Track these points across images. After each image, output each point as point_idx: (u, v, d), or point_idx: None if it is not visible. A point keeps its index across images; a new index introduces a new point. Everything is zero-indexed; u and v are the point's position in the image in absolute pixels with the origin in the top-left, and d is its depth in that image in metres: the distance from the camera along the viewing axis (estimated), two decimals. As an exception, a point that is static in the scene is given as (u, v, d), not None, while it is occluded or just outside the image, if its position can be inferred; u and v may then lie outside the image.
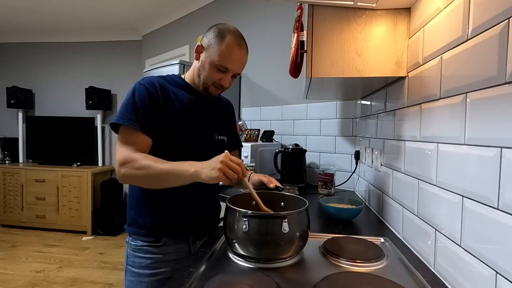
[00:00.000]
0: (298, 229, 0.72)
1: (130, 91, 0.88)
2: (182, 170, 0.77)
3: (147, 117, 0.85)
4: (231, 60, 0.89)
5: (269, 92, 2.30)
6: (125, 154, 0.82)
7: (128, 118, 0.83)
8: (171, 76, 0.98)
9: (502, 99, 0.48)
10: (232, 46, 0.88)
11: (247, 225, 0.69)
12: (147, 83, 0.88)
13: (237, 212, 0.73)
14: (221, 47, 0.88)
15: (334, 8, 0.94)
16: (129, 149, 0.82)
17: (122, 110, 0.85)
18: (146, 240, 0.91)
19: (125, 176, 0.82)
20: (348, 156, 1.77)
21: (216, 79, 0.91)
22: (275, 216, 0.71)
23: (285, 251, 0.72)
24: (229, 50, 0.88)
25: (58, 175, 3.44)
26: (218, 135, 1.02)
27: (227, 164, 0.73)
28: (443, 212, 0.67)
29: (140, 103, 0.85)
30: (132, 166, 0.80)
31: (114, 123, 0.84)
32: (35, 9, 3.26)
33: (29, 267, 2.59)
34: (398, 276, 0.67)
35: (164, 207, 0.92)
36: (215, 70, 0.90)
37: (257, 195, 0.83)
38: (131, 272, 0.92)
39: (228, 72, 0.91)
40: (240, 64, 0.93)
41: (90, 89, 3.68)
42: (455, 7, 0.63)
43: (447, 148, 0.65)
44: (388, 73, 0.94)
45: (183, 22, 3.18)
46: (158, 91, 0.88)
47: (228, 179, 0.73)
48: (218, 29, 0.90)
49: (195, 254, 0.81)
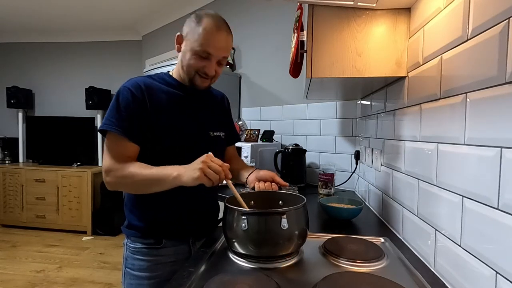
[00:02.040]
0: (297, 225, 0.72)
1: (115, 95, 0.86)
2: (165, 175, 0.77)
3: (132, 122, 0.83)
4: (212, 43, 0.83)
5: (269, 92, 2.30)
6: (108, 162, 0.82)
7: (112, 123, 0.82)
8: (159, 75, 0.95)
9: (502, 99, 0.48)
10: (211, 28, 0.83)
11: (246, 223, 0.69)
12: (132, 85, 0.86)
13: (236, 211, 0.73)
14: (199, 31, 0.83)
15: (334, 8, 0.94)
16: (113, 156, 0.82)
17: (107, 115, 0.84)
18: (145, 242, 0.89)
19: (110, 184, 0.83)
20: (348, 156, 1.77)
21: (200, 66, 0.86)
22: (274, 212, 0.71)
23: (285, 248, 0.72)
24: (208, 33, 0.83)
25: (58, 175, 3.44)
26: (214, 131, 0.99)
27: (208, 164, 0.72)
28: (443, 212, 0.67)
29: (124, 108, 0.83)
30: (115, 175, 0.81)
31: (100, 130, 0.84)
32: (35, 9, 3.25)
33: (29, 267, 2.59)
34: (398, 276, 0.67)
35: (163, 208, 0.90)
36: (197, 57, 0.85)
37: (256, 194, 0.83)
38: (130, 275, 0.90)
39: (211, 57, 0.85)
40: (222, 47, 0.86)
41: (90, 89, 3.68)
42: (455, 7, 0.63)
43: (447, 148, 0.65)
44: (388, 73, 0.94)
45: (183, 22, 3.16)
46: (143, 92, 0.85)
47: (209, 180, 0.72)
48: (195, 15, 0.86)
49: (195, 254, 0.81)
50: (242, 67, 2.55)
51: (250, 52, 2.48)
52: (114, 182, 0.82)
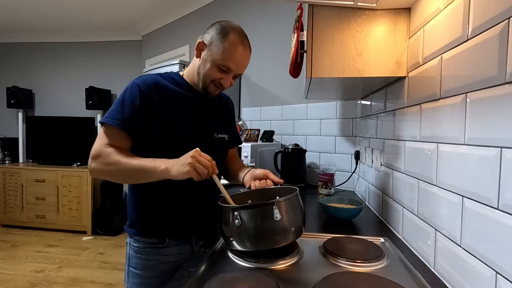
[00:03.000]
0: (290, 215, 0.72)
1: (123, 90, 0.86)
2: (153, 167, 0.76)
3: (135, 119, 0.83)
4: (234, 60, 0.85)
5: (269, 92, 2.30)
6: (99, 147, 0.81)
7: (114, 117, 0.82)
8: (169, 74, 0.95)
9: (502, 99, 0.48)
10: (236, 45, 0.84)
11: (239, 219, 0.70)
12: (141, 82, 0.86)
13: (227, 208, 0.73)
14: (224, 45, 0.84)
15: (334, 8, 0.94)
16: (105, 143, 0.81)
17: (111, 109, 0.84)
18: (149, 241, 0.89)
19: (94, 171, 0.81)
20: (348, 156, 1.77)
21: (217, 78, 0.88)
22: (264, 204, 0.70)
23: (282, 239, 0.71)
24: (232, 49, 0.84)
25: (58, 175, 3.44)
26: (218, 133, 1.00)
27: (197, 159, 0.73)
28: (443, 212, 0.67)
29: (130, 103, 0.83)
30: (102, 161, 0.80)
31: (101, 122, 0.83)
32: (35, 9, 3.26)
33: (29, 267, 2.59)
34: (398, 276, 0.67)
35: (166, 207, 0.90)
36: (216, 69, 0.87)
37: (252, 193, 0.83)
38: (134, 274, 0.90)
39: (230, 72, 0.88)
40: (242, 65, 0.89)
41: (90, 89, 3.69)
42: (455, 7, 0.63)
43: (447, 148, 0.65)
44: (388, 73, 0.94)
45: (183, 22, 3.18)
46: (152, 90, 0.86)
47: (198, 174, 0.73)
48: (221, 26, 0.86)
49: (195, 254, 0.81)
50: (242, 67, 2.54)
51: (250, 52, 2.48)
52: (99, 169, 0.81)
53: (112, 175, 0.82)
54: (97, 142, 0.82)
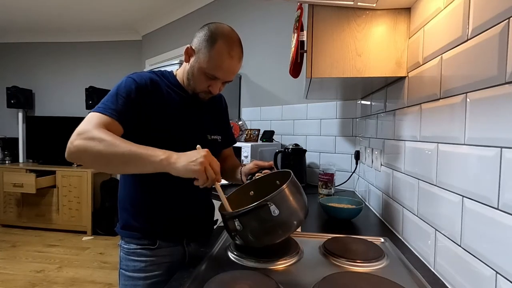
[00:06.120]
0: (289, 206, 0.72)
1: (117, 84, 0.82)
2: (151, 155, 0.68)
3: (129, 110, 0.78)
4: (222, 68, 0.83)
5: (269, 92, 2.30)
6: (85, 125, 0.71)
7: (108, 107, 0.76)
8: (162, 72, 0.93)
9: (502, 99, 0.48)
10: (223, 54, 0.81)
11: (239, 224, 0.69)
12: (137, 77, 0.83)
13: (226, 215, 0.73)
14: (211, 53, 0.81)
15: (334, 8, 0.94)
16: (95, 122, 0.72)
17: (104, 99, 0.79)
18: (140, 243, 0.88)
19: (77, 148, 0.69)
20: (348, 156, 1.77)
21: (205, 86, 0.86)
22: (259, 206, 0.69)
23: (287, 230, 0.72)
24: (219, 57, 0.81)
25: (58, 175, 3.44)
26: (211, 135, 0.98)
27: (210, 162, 0.68)
28: (443, 212, 0.67)
29: (125, 95, 0.79)
30: (87, 135, 0.68)
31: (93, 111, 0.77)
32: (35, 9, 3.25)
33: (29, 267, 2.59)
34: (398, 276, 0.67)
35: (157, 209, 0.89)
36: (203, 77, 0.84)
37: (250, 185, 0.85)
38: (125, 276, 0.89)
39: (218, 80, 0.86)
40: (231, 73, 0.86)
41: (90, 89, 3.68)
42: (455, 7, 0.63)
43: (447, 148, 0.65)
44: (388, 73, 0.94)
45: (183, 22, 3.18)
46: (148, 85, 0.83)
47: (205, 178, 0.67)
48: (210, 32, 0.82)
49: (195, 254, 0.81)
50: (242, 67, 2.53)
51: (250, 52, 2.48)
52: (82, 146, 0.68)
53: (97, 156, 0.69)
54: (84, 122, 0.73)
